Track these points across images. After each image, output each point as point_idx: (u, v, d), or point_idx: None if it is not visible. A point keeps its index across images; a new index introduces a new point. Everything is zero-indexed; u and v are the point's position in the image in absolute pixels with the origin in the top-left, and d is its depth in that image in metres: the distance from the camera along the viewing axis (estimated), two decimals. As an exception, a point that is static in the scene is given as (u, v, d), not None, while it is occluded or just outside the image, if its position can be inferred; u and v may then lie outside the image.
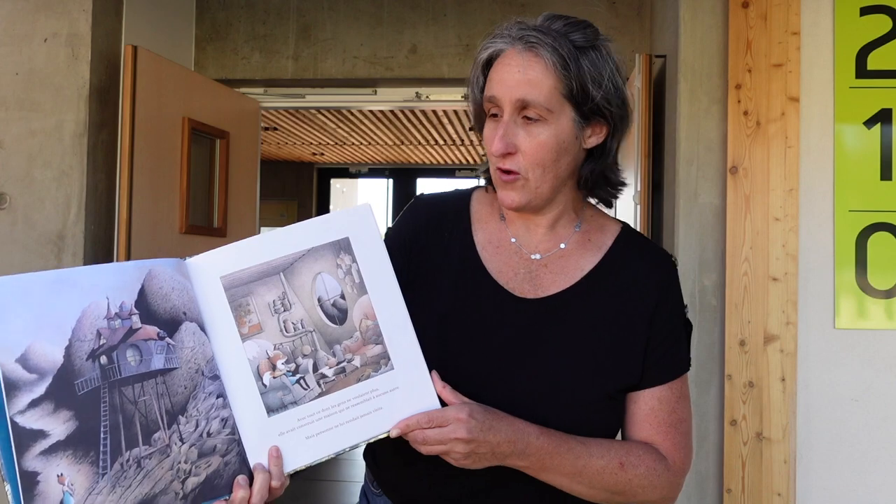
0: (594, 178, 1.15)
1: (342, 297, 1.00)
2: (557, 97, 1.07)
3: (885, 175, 2.38)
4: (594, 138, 1.13)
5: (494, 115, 1.11)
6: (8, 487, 0.82)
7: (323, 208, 9.74)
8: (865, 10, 2.41)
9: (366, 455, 1.28)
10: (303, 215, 9.17)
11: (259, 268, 0.97)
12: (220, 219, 3.55)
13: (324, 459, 0.99)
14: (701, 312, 2.47)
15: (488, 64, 1.12)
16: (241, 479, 0.94)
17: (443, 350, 1.12)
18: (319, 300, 0.99)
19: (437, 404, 1.02)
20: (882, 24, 2.41)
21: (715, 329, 2.44)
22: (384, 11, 3.64)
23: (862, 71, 2.41)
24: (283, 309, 0.98)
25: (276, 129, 7.30)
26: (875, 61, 2.40)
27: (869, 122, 2.40)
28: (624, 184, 1.20)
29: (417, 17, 3.62)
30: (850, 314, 2.38)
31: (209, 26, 3.73)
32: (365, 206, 1.04)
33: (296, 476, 1.00)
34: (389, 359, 1.01)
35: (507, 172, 1.10)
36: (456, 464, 1.02)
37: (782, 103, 2.40)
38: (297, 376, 0.98)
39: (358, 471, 5.71)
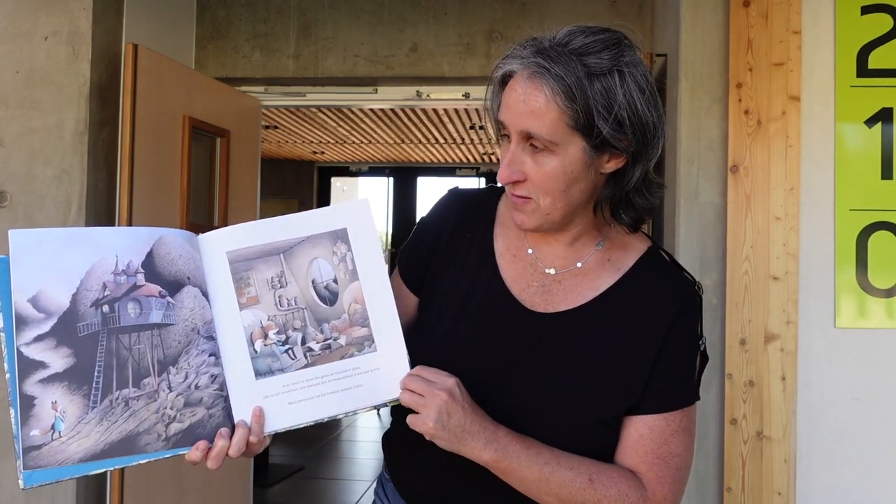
0: (613, 203, 1.10)
1: (335, 281, 1.09)
2: (562, 128, 1.01)
3: (886, 174, 2.38)
4: (612, 163, 1.06)
5: (507, 136, 1.07)
6: (12, 412, 0.94)
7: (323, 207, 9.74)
8: (866, 9, 2.41)
9: (383, 442, 1.30)
10: (303, 214, 9.18)
11: (262, 247, 1.08)
12: (220, 217, 3.55)
13: (303, 426, 1.07)
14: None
15: (503, 82, 1.07)
16: (224, 430, 1.02)
17: (450, 350, 1.13)
18: (314, 282, 1.09)
19: None
20: (883, 22, 2.41)
21: (715, 328, 2.44)
22: (385, 10, 3.64)
23: (863, 70, 2.41)
24: (279, 286, 1.08)
25: (276, 127, 7.30)
26: (876, 60, 2.40)
27: (870, 122, 2.40)
28: (653, 207, 1.11)
29: (418, 16, 3.62)
30: (850, 313, 2.38)
31: (210, 25, 3.73)
32: (364, 200, 1.13)
33: (299, 473, 1.02)
34: (373, 341, 1.09)
35: (518, 196, 1.08)
36: (424, 426, 1.01)
37: (783, 102, 2.40)
38: (287, 347, 1.07)
39: (359, 469, 5.71)
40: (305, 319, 1.07)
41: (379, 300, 1.10)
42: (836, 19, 2.42)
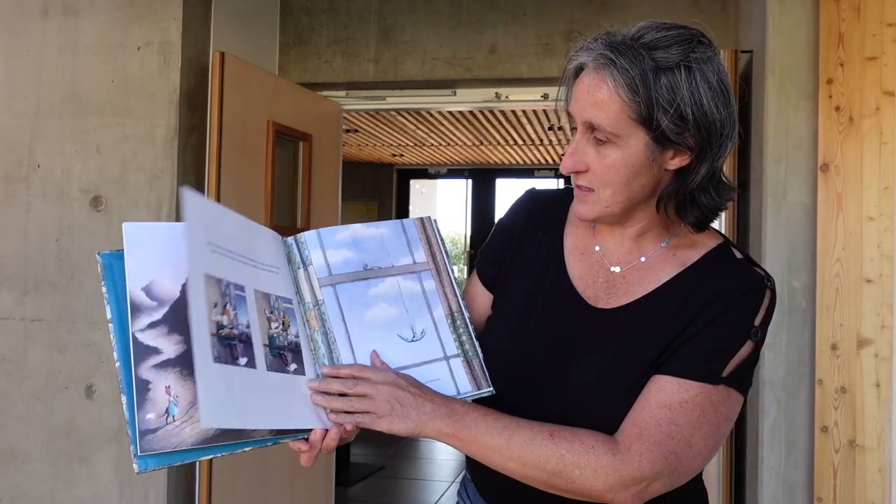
0: (677, 200, 1.09)
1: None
2: (625, 120, 1.02)
3: None
4: (677, 160, 1.06)
5: (577, 128, 1.09)
6: (123, 398, 0.94)
7: (403, 209, 9.84)
8: (968, -1, 2.30)
9: None
10: (383, 216, 9.29)
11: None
12: (303, 219, 3.63)
13: None
14: (790, 315, 2.40)
15: (576, 75, 1.08)
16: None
17: (513, 344, 1.16)
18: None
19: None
20: None
21: (805, 332, 2.36)
22: (463, 12, 3.65)
23: (964, 62, 2.29)
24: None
25: (356, 131, 7.41)
26: (979, 52, 2.28)
27: (972, 116, 2.28)
28: (720, 208, 1.09)
29: (497, 18, 3.62)
30: (951, 318, 2.27)
31: (293, 31, 3.81)
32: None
33: (379, 473, 1.04)
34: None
35: (580, 186, 1.10)
36: (381, 424, 1.01)
37: (877, 98, 2.30)
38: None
39: (438, 469, 5.74)
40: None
41: None
42: (934, 10, 2.31)
